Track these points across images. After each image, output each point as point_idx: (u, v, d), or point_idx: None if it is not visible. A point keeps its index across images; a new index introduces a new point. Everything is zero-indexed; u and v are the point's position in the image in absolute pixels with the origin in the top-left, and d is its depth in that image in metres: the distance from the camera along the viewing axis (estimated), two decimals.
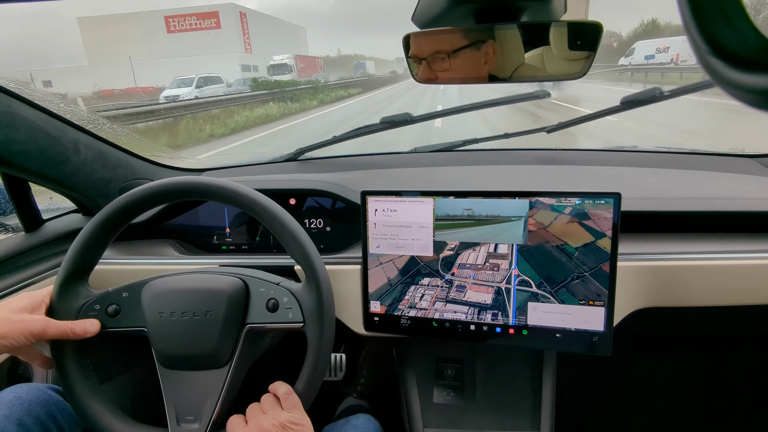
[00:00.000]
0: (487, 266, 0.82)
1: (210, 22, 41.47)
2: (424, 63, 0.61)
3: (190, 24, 41.79)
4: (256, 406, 0.65)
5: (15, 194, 0.91)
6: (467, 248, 0.82)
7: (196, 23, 41.76)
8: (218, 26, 41.30)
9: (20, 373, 0.90)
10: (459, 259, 0.83)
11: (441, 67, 0.61)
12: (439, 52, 0.60)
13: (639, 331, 1.02)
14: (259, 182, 1.00)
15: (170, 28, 41.98)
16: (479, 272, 0.83)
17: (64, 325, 0.65)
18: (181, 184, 0.71)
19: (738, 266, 0.81)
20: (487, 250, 0.81)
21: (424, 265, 0.85)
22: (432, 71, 0.62)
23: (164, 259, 0.98)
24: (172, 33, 42.06)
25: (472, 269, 0.83)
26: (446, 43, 0.59)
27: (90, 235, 0.70)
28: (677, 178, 1.00)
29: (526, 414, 0.91)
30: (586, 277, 0.77)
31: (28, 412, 0.68)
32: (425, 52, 0.61)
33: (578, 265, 0.77)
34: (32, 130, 0.80)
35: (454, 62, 0.60)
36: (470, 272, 0.83)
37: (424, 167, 1.14)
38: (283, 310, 0.70)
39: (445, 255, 0.83)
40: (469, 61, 0.59)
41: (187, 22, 41.67)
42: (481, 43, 0.58)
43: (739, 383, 1.25)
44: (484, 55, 0.58)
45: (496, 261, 0.82)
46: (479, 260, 0.82)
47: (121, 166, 1.01)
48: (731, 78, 0.20)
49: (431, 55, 0.60)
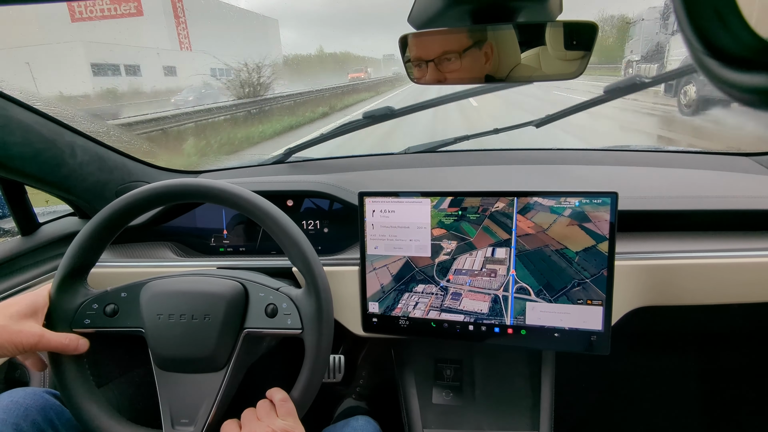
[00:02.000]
0: (484, 272, 0.81)
1: (128, 7, 32.29)
2: (431, 65, 0.60)
3: (102, 10, 32.22)
4: (251, 412, 0.65)
5: (11, 197, 0.90)
6: (464, 252, 0.82)
7: (109, 9, 32.36)
8: (139, 13, 32.69)
9: (17, 378, 0.90)
10: (455, 264, 0.82)
11: (450, 67, 0.59)
12: (448, 53, 0.59)
13: (637, 330, 1.02)
14: (256, 184, 1.00)
15: (75, 15, 32.37)
16: (476, 278, 0.81)
17: (57, 340, 0.65)
18: (182, 187, 0.71)
19: (735, 264, 0.81)
20: (485, 254, 0.81)
21: (419, 270, 0.84)
22: (440, 72, 0.60)
23: (162, 261, 0.98)
24: (78, 21, 32.58)
25: (468, 275, 0.82)
26: (454, 43, 0.58)
27: (89, 235, 0.69)
28: (674, 176, 1.00)
29: (525, 414, 0.91)
30: (587, 284, 0.76)
31: (25, 416, 0.68)
32: (433, 53, 0.59)
33: (579, 271, 0.76)
34: (28, 133, 0.80)
35: (464, 62, 0.59)
36: (466, 278, 0.82)
37: (421, 168, 1.14)
38: (282, 316, 0.69)
39: (441, 260, 0.82)
40: (476, 60, 0.58)
41: (97, 7, 32.13)
42: (483, 42, 0.57)
43: (737, 381, 1.25)
44: (484, 54, 0.58)
45: (494, 266, 0.80)
46: (476, 265, 0.81)
47: (117, 168, 1.00)
48: (726, 77, 0.20)
49: (439, 56, 0.59)
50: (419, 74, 0.62)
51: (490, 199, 0.80)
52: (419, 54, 0.61)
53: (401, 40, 0.60)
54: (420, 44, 0.60)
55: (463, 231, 0.82)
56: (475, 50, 0.58)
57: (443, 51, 0.59)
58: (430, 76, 0.61)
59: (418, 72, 0.62)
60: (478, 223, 0.81)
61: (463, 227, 0.81)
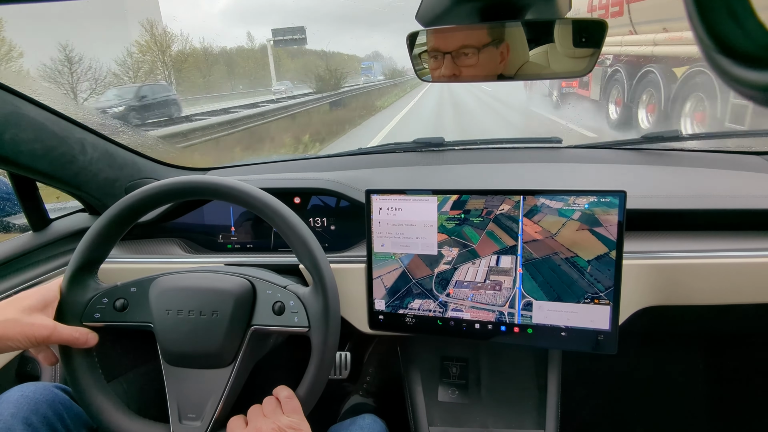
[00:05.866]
0: (488, 284, 0.77)
1: None
2: (448, 57, 0.59)
3: None
4: (257, 408, 0.66)
5: (22, 194, 0.92)
6: (466, 261, 0.78)
7: None
8: None
9: (28, 372, 0.91)
10: (456, 275, 0.79)
11: (466, 62, 0.59)
12: (466, 47, 0.58)
13: (645, 330, 1.01)
14: (264, 181, 1.00)
15: None
16: (478, 292, 0.77)
17: (69, 333, 0.66)
18: (190, 184, 0.71)
19: (744, 264, 0.80)
20: (488, 263, 0.77)
21: (416, 283, 0.81)
22: (456, 66, 0.59)
23: (170, 257, 0.98)
24: None
25: (470, 288, 0.78)
26: (473, 38, 0.57)
27: (100, 231, 0.70)
28: (683, 175, 0.99)
29: (531, 412, 0.91)
30: (601, 297, 0.73)
31: (35, 410, 0.69)
32: (452, 45, 0.58)
33: (592, 284, 0.72)
34: (39, 130, 0.81)
35: (481, 58, 0.58)
36: (468, 292, 0.78)
37: (427, 165, 1.14)
38: (289, 313, 0.70)
39: (441, 270, 0.79)
40: (492, 58, 0.58)
41: None
42: (501, 42, 0.57)
43: (746, 382, 1.24)
44: (500, 53, 0.57)
45: (498, 278, 0.76)
46: (479, 276, 0.77)
47: (127, 165, 1.01)
48: (738, 75, 0.20)
49: (458, 49, 0.58)
50: (435, 65, 0.61)
51: (494, 201, 0.78)
52: (437, 45, 0.60)
53: (410, 36, 0.60)
54: (439, 36, 0.60)
55: (465, 236, 0.79)
56: (492, 48, 0.57)
57: (462, 45, 0.58)
58: (445, 70, 0.60)
59: (435, 63, 0.61)
60: (482, 227, 0.78)
61: (465, 232, 0.79)
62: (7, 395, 0.70)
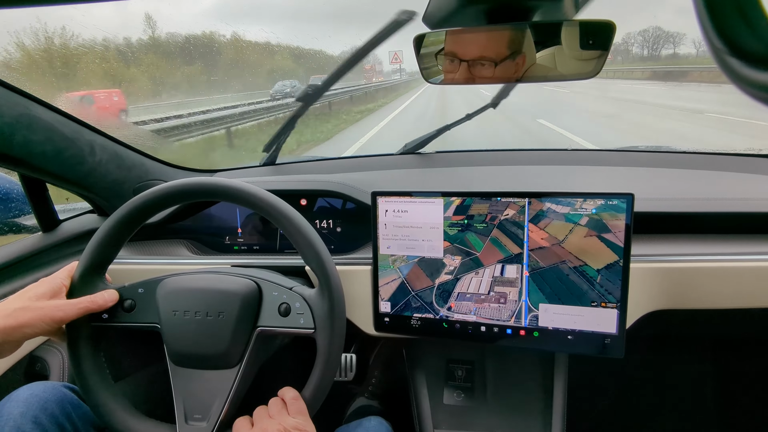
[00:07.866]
0: (492, 297, 0.74)
1: None
2: (464, 65, 0.59)
3: None
4: (263, 410, 0.66)
5: (32, 195, 0.93)
6: (469, 270, 0.75)
7: None
8: None
9: (37, 371, 0.92)
10: (458, 286, 0.76)
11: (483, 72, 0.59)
12: (484, 59, 0.58)
13: (652, 334, 1.01)
14: (270, 183, 1.01)
15: None
16: (482, 306, 0.74)
17: (84, 300, 0.66)
18: (198, 185, 0.72)
19: (754, 268, 0.79)
20: (492, 272, 0.73)
21: (415, 296, 0.78)
22: (471, 74, 0.60)
23: (177, 258, 0.99)
24: None
25: (473, 301, 0.74)
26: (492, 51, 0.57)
27: (108, 232, 0.71)
28: (691, 178, 0.99)
29: (537, 416, 0.90)
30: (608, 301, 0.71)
31: (43, 409, 0.69)
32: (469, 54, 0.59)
33: (602, 294, 0.69)
34: (49, 132, 0.82)
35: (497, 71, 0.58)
36: (471, 305, 0.74)
37: (433, 168, 1.14)
38: (295, 315, 0.70)
39: (442, 281, 0.76)
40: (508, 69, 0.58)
41: None
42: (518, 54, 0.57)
43: (754, 387, 1.22)
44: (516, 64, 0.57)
45: (503, 289, 0.73)
46: (482, 288, 0.74)
47: (135, 167, 1.02)
48: (750, 77, 0.20)
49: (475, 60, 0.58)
50: (450, 68, 0.61)
51: (498, 206, 0.76)
52: (455, 50, 0.60)
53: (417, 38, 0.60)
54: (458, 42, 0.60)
55: (468, 243, 0.77)
56: (509, 61, 0.58)
57: (481, 56, 0.58)
58: (459, 76, 0.61)
59: (450, 66, 0.61)
60: (486, 234, 0.76)
61: (468, 239, 0.77)
62: (16, 394, 0.70)
